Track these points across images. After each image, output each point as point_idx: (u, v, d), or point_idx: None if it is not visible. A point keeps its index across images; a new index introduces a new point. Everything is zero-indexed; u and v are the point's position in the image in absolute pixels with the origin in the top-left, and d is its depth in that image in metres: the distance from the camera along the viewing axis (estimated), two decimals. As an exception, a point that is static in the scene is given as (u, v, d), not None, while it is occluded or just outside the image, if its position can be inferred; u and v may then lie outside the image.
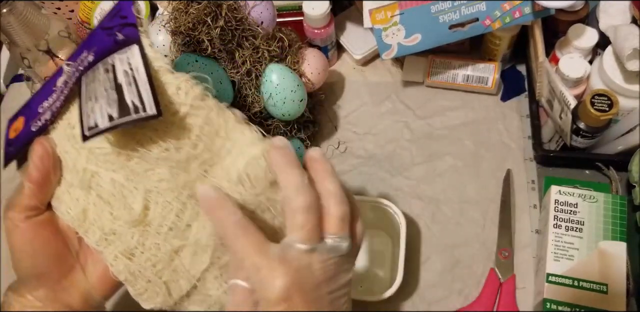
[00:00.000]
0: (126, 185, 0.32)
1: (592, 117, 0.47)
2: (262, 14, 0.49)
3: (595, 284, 0.45)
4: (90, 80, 0.31)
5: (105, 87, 0.30)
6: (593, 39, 0.52)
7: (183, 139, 0.31)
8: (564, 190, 0.49)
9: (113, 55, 0.31)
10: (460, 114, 0.60)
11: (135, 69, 0.29)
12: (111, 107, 0.29)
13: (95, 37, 0.34)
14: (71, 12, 0.67)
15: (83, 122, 0.30)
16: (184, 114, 0.30)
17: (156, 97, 0.29)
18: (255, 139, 0.31)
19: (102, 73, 0.31)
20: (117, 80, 0.30)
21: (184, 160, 0.31)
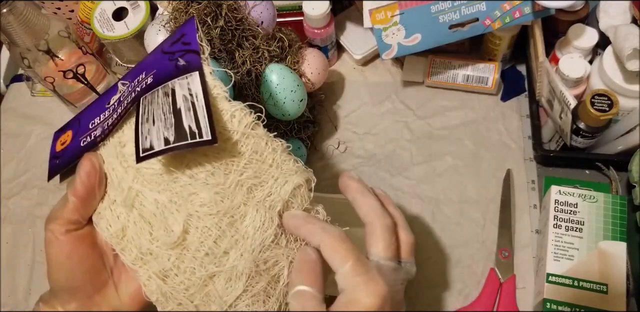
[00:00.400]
0: (168, 207, 0.32)
1: (592, 117, 0.47)
2: (262, 14, 0.49)
3: (595, 284, 0.45)
4: (148, 103, 0.31)
5: (163, 110, 0.30)
6: (593, 39, 0.52)
7: (231, 166, 0.31)
8: (564, 190, 0.49)
9: (174, 80, 0.31)
10: (460, 114, 0.60)
11: (194, 95, 0.30)
12: (168, 131, 0.30)
13: (155, 59, 0.34)
14: (71, 12, 0.67)
15: (139, 144, 0.30)
16: (235, 141, 0.31)
17: (212, 124, 0.29)
18: (300, 169, 0.33)
19: (162, 96, 0.31)
20: (176, 104, 0.30)
21: (230, 186, 0.31)
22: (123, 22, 0.62)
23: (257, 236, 0.32)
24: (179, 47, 0.33)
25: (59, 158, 0.37)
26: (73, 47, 0.59)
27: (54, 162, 0.37)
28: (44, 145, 0.65)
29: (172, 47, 0.33)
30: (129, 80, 0.35)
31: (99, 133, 0.35)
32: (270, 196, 0.32)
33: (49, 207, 0.60)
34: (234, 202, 0.31)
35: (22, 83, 0.70)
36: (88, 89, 0.63)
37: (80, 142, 0.36)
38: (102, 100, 0.37)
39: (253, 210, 0.32)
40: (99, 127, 0.35)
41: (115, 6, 0.63)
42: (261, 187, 0.32)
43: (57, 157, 0.37)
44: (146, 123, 0.31)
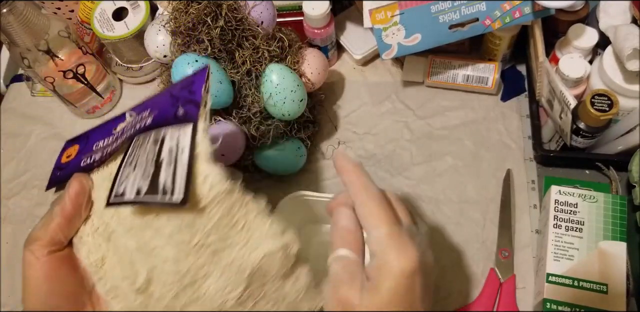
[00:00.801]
0: (135, 254, 0.32)
1: (592, 117, 0.47)
2: (262, 14, 0.49)
3: (595, 284, 0.45)
4: (138, 145, 0.32)
5: (147, 158, 0.30)
6: (593, 39, 0.52)
7: (199, 226, 0.31)
8: (564, 190, 0.49)
9: (167, 128, 0.31)
10: (460, 114, 0.60)
11: (180, 150, 0.30)
12: (144, 181, 0.30)
13: (161, 100, 0.34)
14: (71, 12, 0.67)
15: (114, 186, 0.31)
16: (204, 205, 0.30)
17: (188, 185, 0.29)
18: (277, 232, 0.32)
19: (151, 142, 0.31)
20: (160, 155, 0.30)
21: (195, 246, 0.31)
22: (123, 22, 0.62)
23: (217, 297, 0.31)
24: (184, 94, 0.33)
25: (62, 170, 0.37)
26: (73, 47, 0.59)
27: (56, 173, 0.37)
28: (44, 145, 0.65)
29: (180, 91, 0.33)
30: (136, 112, 0.36)
31: (98, 157, 0.35)
32: (239, 259, 0.31)
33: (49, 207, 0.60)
34: (197, 262, 0.31)
35: (22, 83, 0.70)
36: (88, 89, 0.63)
37: (82, 161, 0.36)
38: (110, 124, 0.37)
39: (218, 272, 0.31)
40: (100, 151, 0.36)
41: (115, 6, 0.63)
42: (229, 250, 0.31)
43: (60, 169, 0.38)
44: (128, 166, 0.31)
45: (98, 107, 0.65)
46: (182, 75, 0.45)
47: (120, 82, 0.68)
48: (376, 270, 0.30)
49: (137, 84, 0.68)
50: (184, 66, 0.45)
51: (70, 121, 0.66)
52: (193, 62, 0.45)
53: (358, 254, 0.31)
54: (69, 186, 0.34)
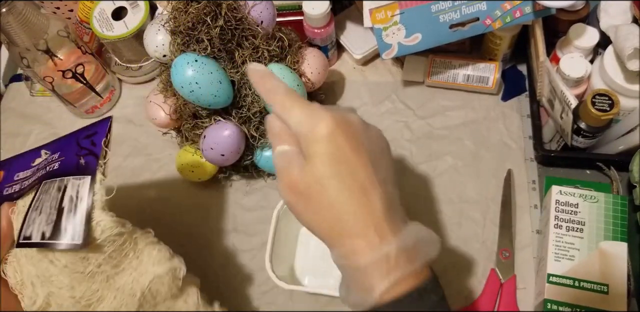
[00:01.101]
0: (34, 280, 0.36)
1: (593, 117, 0.47)
2: (262, 14, 0.49)
3: (596, 284, 0.44)
4: (45, 190, 0.36)
5: (51, 204, 0.35)
6: (594, 38, 0.52)
7: (91, 260, 0.35)
8: (565, 190, 0.49)
9: (69, 178, 0.35)
10: (460, 113, 0.60)
11: (80, 199, 0.34)
12: (47, 226, 0.34)
13: (69, 145, 0.39)
14: (70, 11, 0.67)
15: (22, 229, 0.35)
16: (97, 244, 0.35)
17: (88, 231, 0.34)
18: (163, 258, 0.37)
19: (55, 190, 0.35)
20: (62, 203, 0.35)
21: (88, 274, 0.35)
22: (122, 21, 0.62)
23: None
24: (87, 145, 0.37)
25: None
26: (72, 46, 0.59)
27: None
28: (43, 145, 0.65)
29: (84, 141, 0.38)
30: (50, 151, 0.40)
31: (17, 189, 0.39)
32: (130, 283, 0.36)
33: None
34: (91, 287, 0.35)
35: (21, 83, 0.70)
36: (87, 88, 0.63)
37: (4, 190, 0.40)
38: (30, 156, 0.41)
39: (111, 295, 0.36)
40: (18, 184, 0.39)
41: (114, 6, 0.63)
42: (121, 275, 0.36)
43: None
44: (35, 210, 0.35)
45: (97, 107, 0.65)
46: (181, 75, 0.45)
47: (120, 82, 0.68)
48: (304, 144, 0.32)
49: (136, 83, 0.68)
50: (184, 66, 0.45)
51: (69, 121, 0.66)
52: (192, 62, 0.45)
53: (294, 146, 0.33)
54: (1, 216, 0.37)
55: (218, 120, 0.50)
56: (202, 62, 0.46)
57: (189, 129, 0.53)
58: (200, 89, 0.46)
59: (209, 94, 0.46)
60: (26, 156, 0.42)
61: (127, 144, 0.63)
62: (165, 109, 0.53)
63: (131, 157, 0.62)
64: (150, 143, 0.62)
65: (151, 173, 0.61)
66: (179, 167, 0.56)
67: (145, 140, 0.63)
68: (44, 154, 0.41)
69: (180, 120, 0.54)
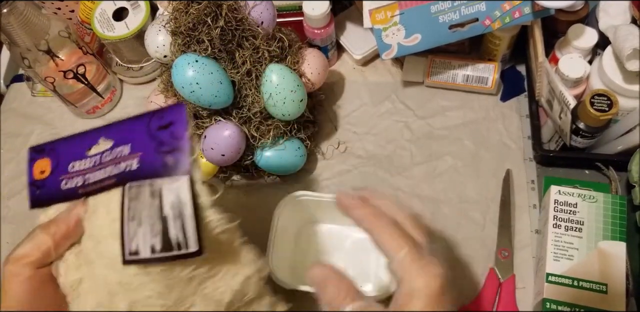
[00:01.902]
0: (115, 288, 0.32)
1: (592, 117, 0.47)
2: (262, 14, 0.49)
3: (595, 284, 0.45)
4: (134, 197, 0.32)
5: (150, 213, 0.31)
6: (593, 39, 0.52)
7: (188, 263, 0.31)
8: (564, 190, 0.49)
9: (162, 182, 0.31)
10: (460, 114, 0.60)
11: (183, 204, 0.30)
12: (155, 238, 0.30)
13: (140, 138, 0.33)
14: (71, 12, 0.67)
15: (124, 243, 0.31)
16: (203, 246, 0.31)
17: (200, 234, 0.30)
18: (252, 258, 0.34)
19: (148, 196, 0.31)
20: (163, 211, 0.31)
21: (181, 279, 0.32)
22: (123, 22, 0.62)
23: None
24: (166, 138, 0.32)
25: (40, 189, 0.36)
26: (73, 47, 0.59)
27: (34, 191, 0.37)
28: (44, 145, 0.65)
29: (160, 133, 0.33)
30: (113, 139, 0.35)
31: (80, 184, 0.35)
32: (220, 288, 0.33)
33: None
34: (182, 294, 0.32)
35: (22, 83, 0.70)
36: (88, 89, 0.63)
37: (61, 184, 0.35)
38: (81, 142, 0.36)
39: (201, 302, 0.32)
40: (79, 176, 0.35)
41: (115, 6, 0.63)
42: (212, 279, 0.33)
43: (37, 187, 0.37)
44: (132, 221, 0.31)
45: (98, 107, 0.65)
46: (182, 76, 0.46)
47: (121, 82, 0.68)
48: (406, 296, 0.30)
49: (137, 84, 0.68)
50: (184, 66, 0.45)
51: (70, 121, 0.66)
52: (193, 62, 0.45)
53: (366, 301, 0.31)
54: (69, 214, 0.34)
55: (218, 121, 0.50)
56: (202, 63, 0.46)
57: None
58: (201, 89, 0.46)
59: (209, 95, 0.46)
60: (74, 141, 0.37)
61: (127, 144, 0.63)
62: (166, 109, 0.53)
63: (132, 157, 0.62)
64: (150, 143, 0.63)
65: (152, 173, 0.61)
66: (179, 167, 0.56)
67: (145, 141, 0.63)
68: (102, 141, 0.35)
69: (181, 120, 0.54)
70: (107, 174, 0.34)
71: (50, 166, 0.36)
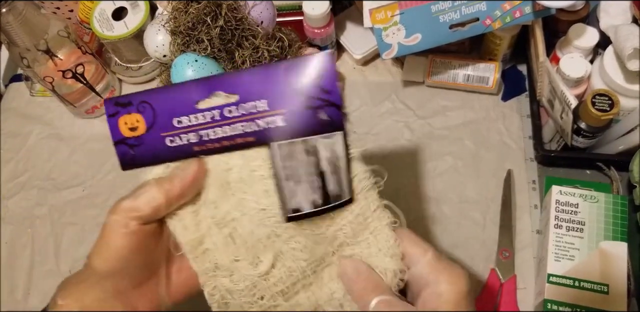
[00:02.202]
0: (264, 241, 0.32)
1: (593, 117, 0.47)
2: (262, 14, 0.49)
3: (596, 284, 0.44)
4: (287, 156, 0.32)
5: (308, 171, 0.31)
6: (594, 38, 0.52)
7: (336, 219, 0.32)
8: (565, 190, 0.49)
9: (316, 138, 0.31)
10: (460, 113, 0.60)
11: (338, 158, 0.32)
12: (315, 194, 0.31)
13: (281, 92, 0.32)
14: (70, 11, 0.67)
15: (285, 201, 0.32)
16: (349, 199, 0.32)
17: (351, 184, 0.32)
18: (397, 253, 0.33)
19: (303, 153, 0.31)
20: (321, 166, 0.31)
21: (327, 237, 0.33)
22: (122, 21, 0.62)
23: (330, 285, 0.33)
24: (317, 93, 0.31)
25: (134, 148, 0.33)
26: (72, 46, 0.59)
27: (127, 151, 0.33)
28: (43, 145, 0.65)
29: (312, 90, 0.31)
30: (232, 91, 0.32)
31: (194, 140, 0.33)
32: (358, 257, 0.33)
33: (48, 207, 0.60)
34: (325, 251, 0.33)
35: (21, 83, 0.70)
36: (87, 88, 0.63)
37: (166, 141, 0.33)
38: (182, 95, 0.33)
39: (337, 261, 0.33)
40: (192, 132, 0.33)
41: (114, 6, 0.63)
42: (353, 247, 0.33)
43: (129, 146, 0.33)
44: (288, 181, 0.32)
45: (97, 107, 0.65)
46: (181, 76, 0.45)
47: (120, 82, 0.68)
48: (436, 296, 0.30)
49: (136, 83, 0.68)
50: (184, 66, 0.45)
51: (69, 121, 0.66)
52: (193, 62, 0.45)
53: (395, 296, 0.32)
54: (186, 170, 0.32)
55: (218, 121, 0.50)
56: (202, 62, 0.46)
57: (189, 129, 0.53)
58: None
59: (209, 94, 0.46)
60: (172, 94, 0.33)
61: (127, 144, 0.63)
62: (166, 109, 0.53)
63: (131, 157, 0.62)
64: (150, 143, 0.62)
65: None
66: (179, 167, 0.55)
67: (145, 141, 0.63)
68: (218, 95, 0.32)
69: (180, 120, 0.54)
70: (238, 130, 0.32)
71: (144, 122, 0.33)
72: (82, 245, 0.58)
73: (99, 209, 0.60)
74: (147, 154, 0.33)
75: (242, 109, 0.32)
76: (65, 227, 0.59)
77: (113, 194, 0.60)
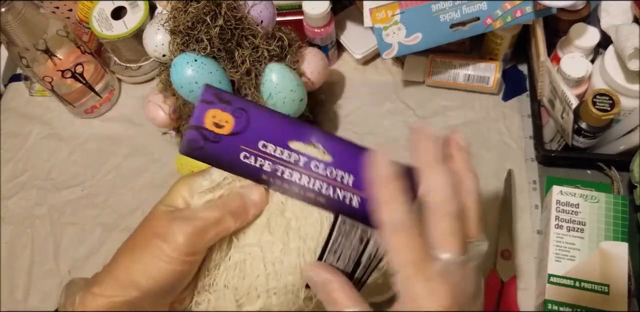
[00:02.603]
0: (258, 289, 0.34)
1: (594, 116, 0.47)
2: (262, 13, 0.48)
3: (597, 284, 0.44)
4: (344, 233, 0.32)
5: (351, 255, 0.33)
6: (594, 38, 0.52)
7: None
8: (566, 190, 0.49)
9: (372, 233, 0.32)
10: (460, 113, 0.60)
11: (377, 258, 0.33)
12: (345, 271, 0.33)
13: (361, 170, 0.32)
14: (70, 11, 0.67)
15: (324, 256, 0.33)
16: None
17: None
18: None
19: (357, 238, 0.32)
20: (362, 257, 0.33)
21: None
22: (122, 21, 0.62)
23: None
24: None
25: (208, 142, 0.32)
26: (71, 46, 0.59)
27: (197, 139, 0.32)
28: (42, 145, 0.65)
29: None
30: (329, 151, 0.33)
31: (268, 170, 0.32)
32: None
33: (48, 207, 0.60)
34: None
35: (20, 83, 0.70)
36: (86, 88, 0.62)
37: (241, 154, 0.32)
38: (282, 124, 0.33)
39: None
40: (267, 160, 0.32)
41: (113, 5, 0.63)
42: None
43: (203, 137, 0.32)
44: (332, 254, 0.33)
45: (96, 107, 0.65)
46: (181, 75, 0.45)
47: (119, 82, 0.68)
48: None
49: (136, 83, 0.67)
50: (183, 65, 0.45)
51: (68, 121, 0.66)
52: (192, 62, 0.45)
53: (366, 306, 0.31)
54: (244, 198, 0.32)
55: (218, 120, 0.50)
56: (201, 62, 0.45)
57: (189, 129, 0.53)
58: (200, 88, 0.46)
59: (208, 94, 0.46)
60: (274, 119, 0.33)
61: (126, 144, 0.63)
62: (165, 109, 0.53)
63: (131, 157, 0.62)
64: (149, 143, 0.62)
65: (151, 173, 0.61)
66: (178, 167, 0.55)
67: (144, 140, 0.63)
68: (315, 147, 0.32)
69: (180, 120, 0.54)
70: (316, 187, 0.32)
71: (233, 125, 0.32)
72: (82, 245, 0.58)
73: (99, 209, 0.60)
74: (216, 155, 0.33)
75: (330, 171, 0.32)
76: (64, 227, 0.59)
77: (113, 194, 0.60)
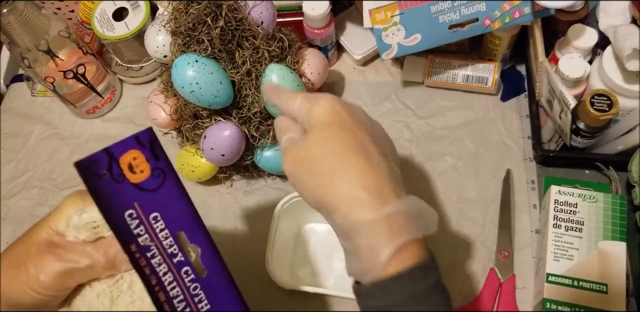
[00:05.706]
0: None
1: (592, 117, 0.47)
2: (262, 14, 0.49)
3: (595, 284, 0.45)
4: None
5: None
6: (593, 39, 0.52)
7: None
8: (564, 190, 0.49)
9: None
10: (460, 114, 0.60)
11: None
12: None
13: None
14: (71, 12, 0.67)
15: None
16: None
17: None
18: None
19: None
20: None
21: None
22: (123, 22, 0.62)
23: None
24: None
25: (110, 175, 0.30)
26: (73, 47, 0.59)
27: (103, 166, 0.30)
28: (43, 145, 0.65)
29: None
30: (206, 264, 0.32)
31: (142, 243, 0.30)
32: None
33: (48, 207, 0.60)
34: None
35: (22, 83, 0.70)
36: (88, 89, 0.63)
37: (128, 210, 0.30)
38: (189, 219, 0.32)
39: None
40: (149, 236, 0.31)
41: (115, 6, 0.63)
42: None
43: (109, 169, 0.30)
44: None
45: (98, 107, 0.65)
46: (182, 76, 0.46)
47: (121, 82, 0.68)
48: (305, 124, 0.34)
49: (137, 84, 0.68)
50: (184, 66, 0.45)
51: (70, 121, 0.66)
52: (193, 62, 0.45)
53: (299, 134, 0.35)
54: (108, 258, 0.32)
55: (218, 121, 0.50)
56: (202, 63, 0.46)
57: (190, 129, 0.53)
58: (201, 89, 0.46)
59: (209, 95, 0.46)
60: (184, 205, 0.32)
61: (127, 144, 0.63)
62: (166, 109, 0.53)
63: (132, 157, 0.62)
64: (150, 143, 0.63)
65: (152, 173, 0.61)
66: (179, 167, 0.56)
67: (145, 141, 0.63)
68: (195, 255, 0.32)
69: (181, 120, 0.54)
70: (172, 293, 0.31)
71: (144, 179, 0.31)
72: (83, 245, 0.58)
73: (100, 208, 0.60)
74: (106, 192, 0.30)
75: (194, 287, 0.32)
76: (66, 227, 0.59)
77: (114, 193, 0.60)
